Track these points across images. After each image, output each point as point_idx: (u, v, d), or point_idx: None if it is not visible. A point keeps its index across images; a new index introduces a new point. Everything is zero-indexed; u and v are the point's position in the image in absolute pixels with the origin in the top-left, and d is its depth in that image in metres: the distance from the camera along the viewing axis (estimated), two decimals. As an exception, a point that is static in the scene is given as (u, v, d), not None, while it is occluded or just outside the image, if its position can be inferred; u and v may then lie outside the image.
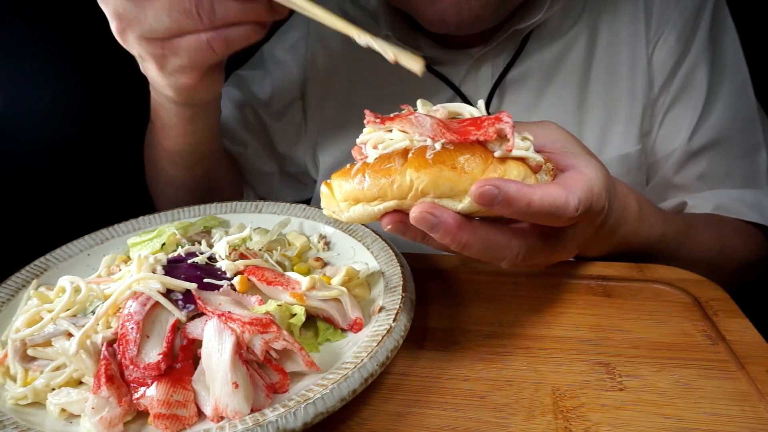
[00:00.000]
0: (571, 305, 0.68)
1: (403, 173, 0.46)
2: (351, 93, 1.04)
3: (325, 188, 0.51)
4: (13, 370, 0.56)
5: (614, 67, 0.93)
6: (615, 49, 0.93)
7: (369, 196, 0.48)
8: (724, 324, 0.63)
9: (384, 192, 0.47)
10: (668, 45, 0.90)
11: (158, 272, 0.58)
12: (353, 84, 1.04)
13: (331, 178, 0.51)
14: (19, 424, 0.50)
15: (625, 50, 0.92)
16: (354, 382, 0.50)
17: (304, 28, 1.08)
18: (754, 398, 0.53)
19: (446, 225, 0.46)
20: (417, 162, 0.46)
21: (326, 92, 1.06)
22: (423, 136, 0.48)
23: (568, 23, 0.94)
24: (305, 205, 0.83)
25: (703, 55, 0.90)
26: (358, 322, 0.60)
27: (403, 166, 0.46)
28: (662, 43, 0.91)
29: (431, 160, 0.46)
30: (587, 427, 0.51)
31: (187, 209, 0.84)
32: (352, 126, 1.01)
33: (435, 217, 0.46)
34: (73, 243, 0.77)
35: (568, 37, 0.94)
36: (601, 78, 0.93)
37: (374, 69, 0.99)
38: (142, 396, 0.50)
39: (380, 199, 0.47)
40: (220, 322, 0.52)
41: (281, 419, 0.46)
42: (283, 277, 0.62)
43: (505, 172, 0.47)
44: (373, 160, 0.48)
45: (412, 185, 0.46)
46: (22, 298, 0.67)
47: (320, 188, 0.52)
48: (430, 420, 0.52)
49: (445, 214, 0.46)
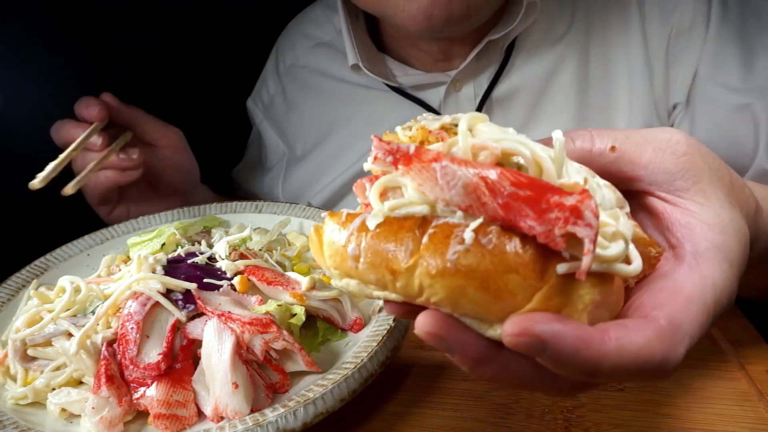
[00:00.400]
0: (571, 305, 0.68)
1: (410, 272, 0.31)
2: (330, 130, 1.00)
3: (313, 236, 0.37)
4: (13, 370, 0.56)
5: (611, 71, 0.88)
6: (609, 53, 0.88)
7: (365, 280, 0.34)
8: (724, 324, 0.63)
9: (384, 284, 0.33)
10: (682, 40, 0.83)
11: (158, 272, 0.58)
12: (331, 121, 1.00)
13: (324, 222, 0.36)
14: (19, 424, 0.50)
15: (619, 51, 0.87)
16: (354, 382, 0.50)
17: (277, 83, 1.08)
18: (754, 398, 0.53)
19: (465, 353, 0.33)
20: (433, 260, 0.31)
21: (304, 132, 1.04)
22: (449, 206, 0.32)
23: (557, 32, 0.88)
24: (305, 205, 0.83)
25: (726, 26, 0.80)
26: (358, 322, 0.60)
27: (411, 260, 0.31)
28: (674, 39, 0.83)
29: (454, 265, 0.30)
30: (587, 427, 0.51)
31: (187, 209, 0.84)
32: (330, 164, 0.99)
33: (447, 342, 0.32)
34: (73, 243, 0.77)
35: (559, 48, 0.88)
36: (600, 85, 0.88)
37: (349, 103, 0.97)
38: (142, 396, 0.50)
39: (377, 287, 0.34)
40: (220, 322, 0.52)
41: (281, 419, 0.46)
42: (283, 277, 0.62)
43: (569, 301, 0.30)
44: (375, 225, 0.33)
45: (422, 292, 0.32)
46: (22, 298, 0.67)
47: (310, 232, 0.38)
48: (429, 420, 0.52)
49: (464, 340, 0.32)
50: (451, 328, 0.32)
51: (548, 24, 0.89)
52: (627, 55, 0.88)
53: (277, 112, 1.08)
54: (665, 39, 0.85)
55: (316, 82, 1.02)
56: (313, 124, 1.02)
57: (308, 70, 1.03)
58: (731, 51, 0.81)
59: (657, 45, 0.86)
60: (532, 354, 0.30)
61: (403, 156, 0.33)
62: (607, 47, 0.88)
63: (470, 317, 0.32)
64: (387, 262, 0.32)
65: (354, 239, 0.34)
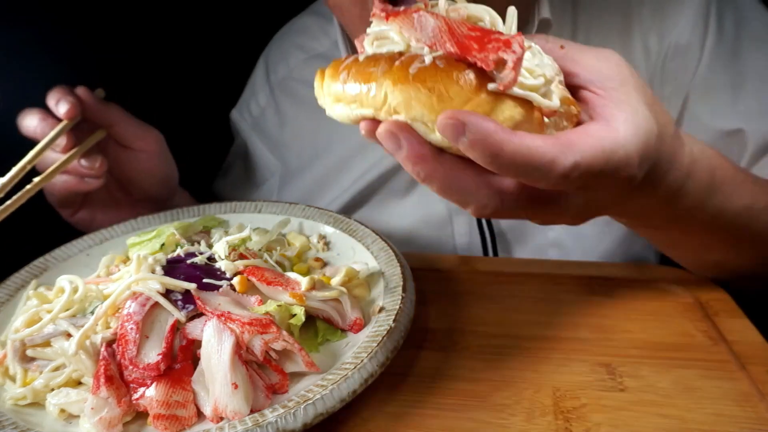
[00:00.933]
0: (571, 305, 0.68)
1: (380, 84, 0.41)
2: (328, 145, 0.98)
3: (317, 77, 0.47)
4: (12, 371, 0.56)
5: None
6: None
7: (348, 99, 0.43)
8: (724, 324, 0.63)
9: (360, 98, 0.43)
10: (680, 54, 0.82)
11: (157, 272, 0.58)
12: (329, 134, 0.98)
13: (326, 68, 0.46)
14: (18, 425, 0.50)
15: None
16: (354, 382, 0.50)
17: (269, 96, 1.05)
18: (755, 398, 0.53)
19: (409, 150, 0.41)
20: (398, 74, 0.40)
21: (300, 147, 1.02)
22: (420, 43, 0.42)
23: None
24: (305, 205, 0.83)
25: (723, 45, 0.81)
26: (358, 323, 0.60)
27: (382, 76, 0.41)
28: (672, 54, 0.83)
29: (412, 76, 0.40)
30: (588, 427, 0.51)
31: (186, 209, 0.84)
32: (331, 180, 0.97)
33: (398, 139, 0.41)
34: (72, 243, 0.76)
35: None
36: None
37: None
38: (142, 396, 0.50)
39: (357, 104, 0.43)
40: (219, 323, 0.52)
41: (281, 420, 0.46)
42: (282, 278, 0.62)
43: (494, 110, 0.39)
44: (364, 58, 0.43)
45: (386, 100, 0.41)
46: (21, 298, 0.67)
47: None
48: (429, 420, 0.52)
49: (411, 139, 0.41)
50: (402, 129, 0.41)
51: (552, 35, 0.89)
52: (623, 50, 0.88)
53: (268, 125, 1.05)
54: (662, 55, 0.85)
55: (310, 95, 1.01)
56: (310, 138, 1.00)
57: (303, 84, 1.01)
58: (723, 75, 0.81)
59: (655, 60, 0.85)
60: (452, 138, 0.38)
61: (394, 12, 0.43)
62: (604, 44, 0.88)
63: (419, 122, 0.41)
64: (366, 76, 0.42)
65: (346, 69, 0.43)
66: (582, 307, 0.67)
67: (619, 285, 0.71)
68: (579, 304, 0.68)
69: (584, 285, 0.71)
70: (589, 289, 0.71)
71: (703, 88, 0.82)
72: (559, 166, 0.40)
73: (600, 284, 0.72)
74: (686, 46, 0.82)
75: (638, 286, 0.71)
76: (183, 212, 0.83)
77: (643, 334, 0.62)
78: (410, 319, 0.59)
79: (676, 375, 0.56)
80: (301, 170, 1.01)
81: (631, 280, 0.72)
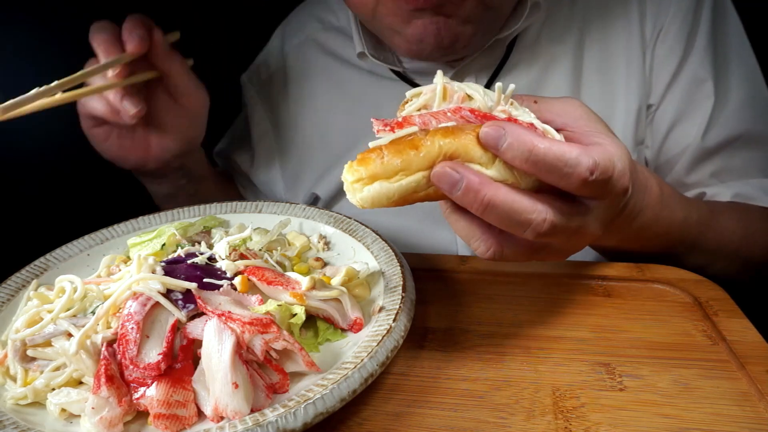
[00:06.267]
0: (571, 305, 0.68)
1: (432, 141, 0.44)
2: (328, 115, 1.01)
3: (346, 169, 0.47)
4: (13, 370, 0.56)
5: (608, 70, 0.90)
6: (608, 53, 0.90)
7: (390, 170, 0.44)
8: (724, 324, 0.63)
9: (408, 163, 0.44)
10: (668, 42, 0.88)
11: (158, 272, 0.58)
12: (330, 105, 1.01)
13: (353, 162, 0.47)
14: (19, 424, 0.50)
15: (619, 53, 0.89)
16: (354, 382, 0.50)
17: (279, 62, 1.07)
18: (754, 398, 0.53)
19: (469, 180, 0.44)
20: (443, 131, 0.45)
21: (304, 118, 1.04)
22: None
23: (556, 31, 0.91)
24: (305, 205, 0.83)
25: (709, 48, 0.87)
26: (358, 322, 0.60)
27: (430, 135, 0.44)
28: (662, 39, 0.88)
29: (457, 129, 0.45)
30: (587, 427, 0.51)
31: (187, 209, 0.84)
32: (330, 148, 0.99)
33: (457, 173, 0.44)
34: (73, 243, 0.76)
35: (556, 45, 0.90)
36: (595, 84, 0.90)
37: (353, 88, 0.98)
38: (142, 396, 0.50)
39: (403, 172, 0.44)
40: (220, 322, 0.52)
41: (281, 419, 0.46)
42: (283, 277, 0.62)
43: None
44: (389, 142, 0.46)
45: (441, 151, 0.44)
46: (22, 299, 0.67)
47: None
48: (429, 420, 0.52)
49: (469, 171, 0.45)
50: (459, 165, 0.45)
51: (547, 22, 0.91)
52: (627, 54, 0.90)
53: (273, 89, 1.07)
54: (653, 41, 0.89)
55: (323, 62, 1.02)
56: (315, 104, 1.02)
57: (318, 47, 1.03)
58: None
59: (648, 45, 0.89)
60: (495, 141, 0.45)
61: (397, 123, 0.48)
62: (606, 45, 0.90)
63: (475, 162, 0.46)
64: (409, 143, 0.45)
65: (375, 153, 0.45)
66: (582, 307, 0.67)
67: (619, 285, 0.71)
68: (579, 304, 0.68)
69: (584, 285, 0.72)
70: (588, 289, 0.71)
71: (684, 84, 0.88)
72: (583, 163, 0.45)
73: (599, 284, 0.72)
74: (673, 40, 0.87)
75: (638, 286, 0.71)
76: (183, 212, 0.83)
77: (642, 333, 0.62)
78: (410, 319, 0.59)
79: (675, 375, 0.56)
80: (306, 142, 1.03)
81: (631, 280, 0.72)
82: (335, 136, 0.99)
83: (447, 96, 0.51)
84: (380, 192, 0.45)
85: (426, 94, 0.51)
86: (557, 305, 0.68)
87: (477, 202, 0.45)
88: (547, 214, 0.47)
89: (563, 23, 0.91)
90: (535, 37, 0.91)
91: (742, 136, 0.87)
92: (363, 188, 0.45)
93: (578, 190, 0.48)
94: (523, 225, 0.47)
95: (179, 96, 0.84)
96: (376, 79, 0.96)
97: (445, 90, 0.50)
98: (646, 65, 0.89)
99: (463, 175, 0.44)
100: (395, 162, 0.44)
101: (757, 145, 0.88)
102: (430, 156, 0.44)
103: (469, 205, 0.46)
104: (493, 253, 0.51)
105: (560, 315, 0.66)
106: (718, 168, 0.89)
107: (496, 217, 0.46)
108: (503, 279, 0.73)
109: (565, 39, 0.90)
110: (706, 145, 0.88)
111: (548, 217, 0.47)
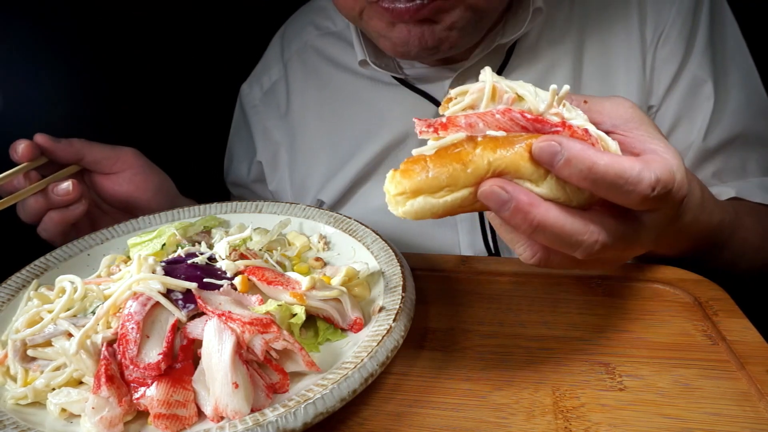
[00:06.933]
0: (571, 305, 0.68)
1: (481, 156, 0.41)
2: (331, 122, 1.01)
3: (388, 178, 0.45)
4: (13, 370, 0.56)
5: (608, 72, 0.90)
6: (607, 55, 0.90)
7: (435, 186, 0.42)
8: (724, 324, 0.63)
9: (455, 179, 0.42)
10: (669, 45, 0.88)
11: (158, 272, 0.58)
12: (333, 112, 1.01)
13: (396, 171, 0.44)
14: (19, 424, 0.50)
15: (619, 55, 0.90)
16: (354, 382, 0.50)
17: (280, 70, 1.07)
18: (754, 398, 0.53)
19: (519, 201, 0.42)
20: (492, 144, 0.42)
21: (308, 126, 1.04)
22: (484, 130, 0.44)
23: (555, 34, 0.91)
24: (305, 205, 0.83)
25: (708, 50, 0.88)
26: (358, 322, 0.60)
27: (480, 147, 0.42)
28: (663, 42, 0.89)
29: (507, 141, 0.42)
30: (587, 427, 0.51)
31: (187, 209, 0.84)
32: (334, 154, 0.99)
33: (506, 193, 0.42)
34: (73, 243, 0.77)
35: (555, 48, 0.91)
36: (595, 86, 0.90)
37: (356, 94, 0.97)
38: (142, 396, 0.50)
39: (449, 188, 0.42)
40: (220, 322, 0.52)
41: (281, 419, 0.46)
42: (283, 277, 0.62)
43: None
44: (433, 152, 0.43)
45: (490, 167, 0.42)
46: (22, 299, 0.67)
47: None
48: (430, 420, 0.52)
49: (518, 190, 0.43)
50: (507, 183, 0.43)
51: (546, 25, 0.91)
52: (627, 56, 0.90)
53: (277, 98, 1.07)
54: (654, 44, 0.89)
55: (323, 69, 1.02)
56: (318, 111, 1.02)
57: (317, 53, 1.03)
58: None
59: (649, 48, 0.89)
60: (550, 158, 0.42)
61: (441, 124, 0.44)
62: (606, 47, 0.90)
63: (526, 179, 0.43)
64: (455, 156, 0.42)
65: (419, 165, 0.43)
66: (582, 307, 0.67)
67: (619, 285, 0.71)
68: (579, 304, 0.68)
69: (584, 285, 0.72)
70: (588, 289, 0.71)
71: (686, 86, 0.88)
72: (645, 179, 0.43)
73: (599, 284, 0.72)
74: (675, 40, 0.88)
75: (638, 286, 0.71)
76: (184, 212, 0.83)
77: (642, 333, 0.62)
78: (410, 319, 0.59)
79: (675, 375, 0.56)
80: (311, 147, 1.03)
81: (631, 280, 0.72)
82: (339, 142, 0.99)
83: (496, 96, 0.47)
84: (424, 207, 0.43)
85: (473, 94, 0.47)
86: (557, 305, 0.68)
87: (526, 223, 0.43)
88: (600, 236, 0.45)
89: (562, 26, 0.91)
90: (535, 40, 0.91)
91: (741, 136, 0.88)
92: (406, 202, 0.43)
93: (637, 206, 0.46)
94: (573, 247, 0.45)
95: (108, 167, 0.85)
96: (377, 85, 0.96)
97: (494, 89, 0.47)
98: (647, 67, 0.89)
99: (512, 196, 0.42)
100: (441, 177, 0.42)
101: (755, 144, 0.89)
102: (478, 173, 0.42)
103: (517, 226, 0.44)
104: (538, 260, 0.48)
105: (560, 315, 0.66)
106: (719, 168, 0.90)
107: (545, 238, 0.45)
108: (504, 279, 0.73)
109: (565, 41, 0.91)
110: (707, 146, 0.88)
111: (600, 239, 0.45)
